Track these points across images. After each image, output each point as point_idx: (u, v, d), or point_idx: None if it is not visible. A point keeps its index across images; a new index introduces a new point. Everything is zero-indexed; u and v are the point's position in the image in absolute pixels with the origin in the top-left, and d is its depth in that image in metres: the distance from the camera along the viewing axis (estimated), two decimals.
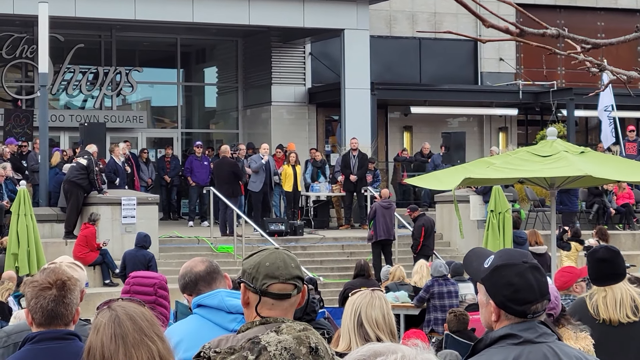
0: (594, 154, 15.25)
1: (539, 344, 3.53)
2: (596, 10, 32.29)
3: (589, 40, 3.77)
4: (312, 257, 21.60)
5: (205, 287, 4.80)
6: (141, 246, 17.65)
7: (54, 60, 25.72)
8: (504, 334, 3.54)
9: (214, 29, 27.56)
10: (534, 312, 3.58)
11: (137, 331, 3.35)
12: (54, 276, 4.25)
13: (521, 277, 3.57)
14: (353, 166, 24.61)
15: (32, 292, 4.25)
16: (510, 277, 3.58)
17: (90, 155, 20.29)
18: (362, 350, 2.46)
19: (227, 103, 30.69)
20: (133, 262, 17.19)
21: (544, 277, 3.62)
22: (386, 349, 2.43)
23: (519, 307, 3.56)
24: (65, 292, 4.24)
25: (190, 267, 4.93)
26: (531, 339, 3.53)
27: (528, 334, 3.53)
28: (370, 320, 4.88)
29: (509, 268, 3.60)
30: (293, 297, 3.58)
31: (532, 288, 3.57)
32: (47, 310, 4.20)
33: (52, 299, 4.21)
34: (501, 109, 30.69)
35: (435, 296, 15.01)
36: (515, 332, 3.53)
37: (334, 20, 26.39)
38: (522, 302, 3.56)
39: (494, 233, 18.14)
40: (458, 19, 30.41)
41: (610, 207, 25.00)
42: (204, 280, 4.84)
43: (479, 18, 3.67)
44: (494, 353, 3.53)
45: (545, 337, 3.56)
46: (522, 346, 3.51)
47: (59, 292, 4.22)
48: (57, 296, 4.22)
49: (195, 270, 4.87)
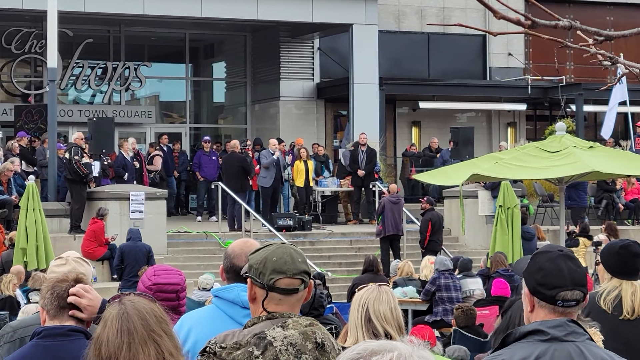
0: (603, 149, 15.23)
1: (567, 342, 3.52)
2: (605, 4, 32.19)
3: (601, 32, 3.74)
4: (320, 253, 21.58)
5: (240, 282, 4.51)
6: (137, 239, 17.63)
7: (63, 55, 25.73)
8: (533, 329, 3.55)
9: (222, 24, 27.54)
10: (563, 299, 3.59)
11: (145, 328, 3.33)
12: (73, 273, 4.39)
13: (552, 262, 3.63)
14: (361, 161, 24.58)
15: (48, 284, 4.31)
16: (542, 263, 3.65)
17: (72, 146, 20.21)
18: (358, 348, 2.43)
19: (235, 98, 30.68)
20: (135, 255, 17.21)
21: (578, 267, 3.65)
22: (382, 347, 2.40)
23: (548, 292, 3.59)
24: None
25: (233, 255, 4.61)
26: (559, 337, 3.52)
27: (556, 332, 3.53)
28: (379, 315, 4.86)
29: (543, 254, 3.69)
30: (300, 292, 3.56)
31: (562, 273, 3.60)
32: (62, 299, 4.24)
33: (67, 289, 4.27)
34: (510, 104, 30.61)
35: (442, 288, 15.00)
36: (544, 328, 3.54)
37: (342, 15, 26.35)
38: (551, 287, 3.59)
39: (503, 228, 18.08)
40: (467, 13, 30.35)
41: (619, 203, 24.95)
42: (239, 277, 4.45)
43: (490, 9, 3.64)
44: (519, 347, 3.53)
45: (575, 336, 3.55)
46: (549, 343, 3.51)
47: (75, 284, 4.28)
48: (73, 287, 4.28)
49: (234, 261, 4.60)
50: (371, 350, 2.38)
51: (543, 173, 14.27)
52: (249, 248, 4.55)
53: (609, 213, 24.66)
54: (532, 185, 25.23)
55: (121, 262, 17.40)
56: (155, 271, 5.29)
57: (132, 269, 16.90)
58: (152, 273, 5.26)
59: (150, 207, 20.42)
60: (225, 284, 4.67)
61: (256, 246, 4.55)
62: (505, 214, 18.22)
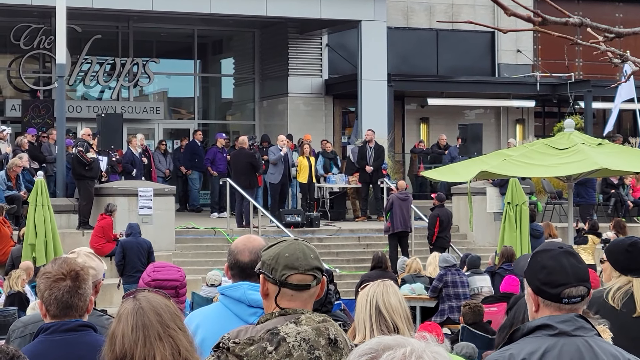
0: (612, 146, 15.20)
1: (575, 337, 3.51)
2: (615, 1, 32.12)
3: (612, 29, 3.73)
4: (328, 249, 21.58)
5: (244, 279, 4.56)
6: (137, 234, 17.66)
7: (72, 51, 25.76)
8: (541, 324, 3.54)
9: (231, 20, 27.55)
10: (568, 296, 3.57)
11: (160, 323, 3.34)
12: (67, 267, 4.21)
13: (554, 260, 3.60)
14: (369, 157, 24.57)
15: (45, 283, 4.20)
16: (544, 261, 3.61)
17: (79, 141, 20.25)
18: (371, 343, 2.42)
19: (243, 94, 30.68)
20: (137, 250, 17.22)
21: (580, 263, 3.62)
22: (395, 342, 2.40)
23: (552, 290, 3.57)
24: (79, 282, 4.20)
25: (237, 252, 4.58)
26: (567, 332, 3.51)
27: (564, 326, 3.52)
28: (389, 306, 4.87)
29: (544, 253, 3.65)
30: (312, 288, 3.56)
31: (565, 270, 3.58)
32: (61, 302, 4.16)
33: (67, 290, 4.18)
34: (518, 100, 30.57)
35: (449, 285, 15.00)
36: (552, 323, 3.53)
37: (351, 12, 26.34)
38: (555, 285, 3.57)
39: (511, 225, 18.06)
40: (475, 10, 30.31)
41: (628, 200, 24.89)
42: (243, 272, 4.54)
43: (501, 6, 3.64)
44: (528, 342, 3.53)
45: (583, 331, 3.54)
46: (557, 338, 3.50)
47: (73, 283, 4.18)
48: (72, 287, 4.18)
49: (238, 257, 4.58)
50: (384, 345, 2.38)
51: (552, 171, 14.25)
52: (252, 244, 4.57)
53: (618, 210, 24.61)
54: (540, 182, 25.20)
55: (123, 258, 17.42)
56: (155, 267, 5.41)
57: (135, 265, 16.89)
58: (151, 269, 5.38)
59: (159, 203, 20.44)
60: (232, 281, 4.67)
61: (260, 242, 4.57)
62: (513, 211, 18.20)
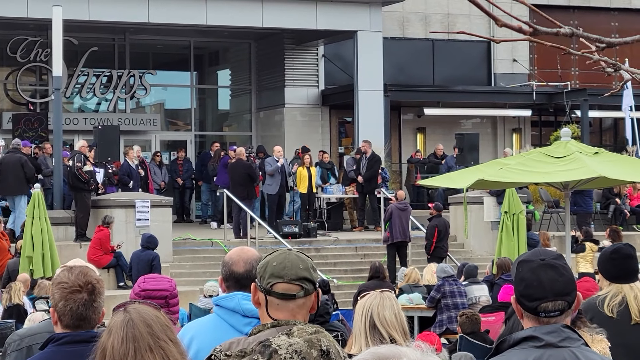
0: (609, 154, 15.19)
1: (561, 348, 3.48)
2: (610, 10, 32.18)
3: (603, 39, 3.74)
4: (325, 259, 21.58)
5: (240, 289, 4.55)
6: (146, 247, 17.78)
7: (68, 64, 25.76)
8: (527, 336, 3.51)
9: (227, 32, 27.57)
10: (544, 310, 3.53)
11: (151, 335, 3.32)
12: (84, 278, 4.15)
13: (532, 272, 3.55)
14: (362, 167, 24.54)
15: (61, 293, 4.13)
16: (524, 273, 3.57)
17: (75, 154, 20.23)
18: (366, 354, 2.41)
19: (240, 105, 30.70)
20: (137, 263, 17.42)
21: (561, 277, 3.55)
22: (390, 352, 2.39)
23: (529, 304, 3.54)
24: (95, 296, 4.15)
25: (231, 263, 4.59)
26: (554, 343, 3.48)
27: (550, 338, 3.49)
28: (383, 320, 4.85)
29: (525, 264, 3.59)
30: (300, 299, 3.54)
31: (542, 285, 3.52)
32: (76, 314, 4.11)
33: (82, 303, 4.12)
34: (515, 110, 30.61)
35: (447, 295, 14.98)
36: (538, 334, 3.50)
37: (346, 22, 26.38)
38: (532, 299, 3.53)
39: (508, 234, 18.07)
40: (471, 20, 30.35)
41: (625, 209, 24.90)
42: (238, 283, 4.54)
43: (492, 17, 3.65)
44: (514, 354, 3.50)
45: (569, 342, 3.50)
46: (544, 349, 3.47)
47: (89, 297, 4.13)
48: (87, 300, 4.13)
49: (233, 268, 4.58)
50: (379, 356, 2.38)
51: (549, 177, 14.25)
52: (247, 254, 4.58)
53: (616, 219, 24.62)
54: (537, 191, 25.21)
55: (130, 269, 17.62)
56: (145, 278, 5.43)
57: (137, 277, 16.99)
58: (142, 280, 5.38)
59: (156, 215, 20.44)
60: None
61: (253, 253, 4.60)
62: (510, 220, 18.21)
